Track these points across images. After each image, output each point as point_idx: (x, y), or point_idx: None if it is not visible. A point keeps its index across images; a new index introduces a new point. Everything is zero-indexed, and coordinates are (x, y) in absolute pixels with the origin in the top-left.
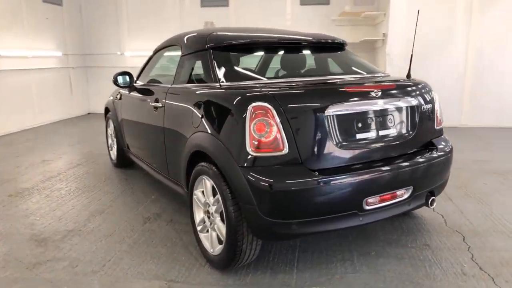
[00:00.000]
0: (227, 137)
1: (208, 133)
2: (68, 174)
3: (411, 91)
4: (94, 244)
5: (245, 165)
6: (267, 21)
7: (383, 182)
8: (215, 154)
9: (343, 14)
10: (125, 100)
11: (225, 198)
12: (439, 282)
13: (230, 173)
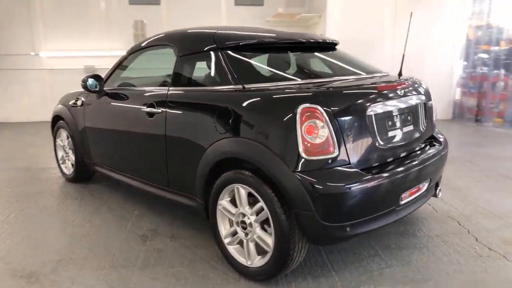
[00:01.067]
0: (273, 141)
1: (245, 138)
2: (17, 195)
3: (420, 88)
4: (98, 272)
5: (299, 170)
6: (201, 20)
7: (414, 176)
8: (260, 160)
9: (277, 15)
10: (92, 106)
11: (274, 205)
12: (464, 266)
13: (282, 179)
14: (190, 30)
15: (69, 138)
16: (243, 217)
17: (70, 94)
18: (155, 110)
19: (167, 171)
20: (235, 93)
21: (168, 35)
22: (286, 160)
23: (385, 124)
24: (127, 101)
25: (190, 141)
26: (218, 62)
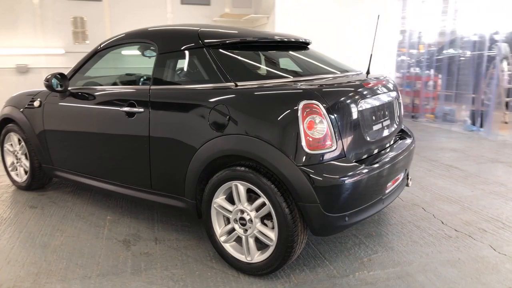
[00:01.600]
0: (276, 137)
1: (245, 135)
2: None
3: (393, 85)
4: (87, 282)
5: (303, 164)
6: (146, 19)
7: (397, 167)
8: (263, 156)
9: (225, 15)
10: (56, 107)
11: (277, 200)
12: (440, 247)
13: (287, 173)
14: (170, 27)
15: (21, 143)
16: (242, 214)
17: (22, 94)
18: (135, 110)
19: (150, 173)
20: (229, 90)
21: (145, 32)
22: (289, 155)
23: (371, 118)
24: (100, 101)
25: (179, 141)
26: (205, 60)
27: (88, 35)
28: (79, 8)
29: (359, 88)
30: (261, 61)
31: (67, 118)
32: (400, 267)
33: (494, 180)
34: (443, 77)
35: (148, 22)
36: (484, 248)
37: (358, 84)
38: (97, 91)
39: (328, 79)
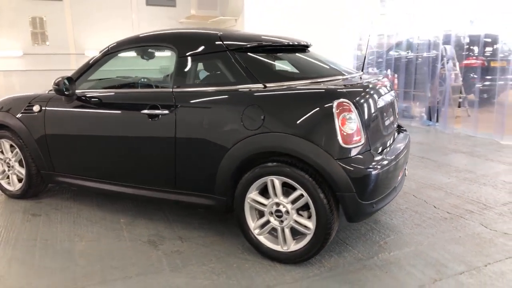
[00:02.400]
0: (313, 133)
1: (283, 133)
2: None
3: (391, 86)
4: (130, 281)
5: (341, 157)
6: (111, 20)
7: (405, 157)
8: (302, 151)
9: (191, 17)
10: (61, 112)
11: (316, 192)
12: (440, 227)
13: (326, 167)
14: (189, 31)
15: (15, 149)
16: (278, 206)
17: (13, 99)
18: (159, 112)
19: (174, 173)
20: (261, 91)
21: (163, 35)
22: (327, 150)
23: (384, 114)
24: (114, 104)
25: (208, 141)
26: (230, 63)
27: (48, 36)
28: (38, 8)
29: (375, 87)
30: (278, 63)
31: (76, 122)
32: (414, 247)
33: (463, 168)
34: (400, 76)
35: (113, 23)
36: (476, 227)
37: (374, 84)
38: (108, 94)
39: (347, 80)
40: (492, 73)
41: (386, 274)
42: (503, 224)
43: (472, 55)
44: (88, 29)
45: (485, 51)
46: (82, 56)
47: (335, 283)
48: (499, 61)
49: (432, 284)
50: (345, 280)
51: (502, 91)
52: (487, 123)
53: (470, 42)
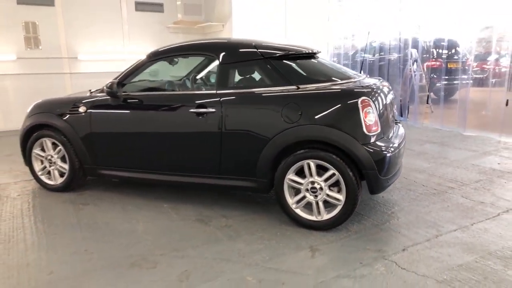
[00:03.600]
0: (343, 124)
1: (318, 124)
2: (29, 209)
3: (390, 87)
4: (202, 251)
5: (365, 143)
6: (101, 25)
7: (404, 146)
8: (336, 138)
9: (179, 22)
10: (109, 112)
11: (346, 170)
12: (432, 200)
13: (355, 151)
14: (228, 41)
15: (58, 147)
16: (313, 184)
17: (57, 101)
18: (207, 110)
19: (220, 161)
20: (297, 91)
21: (206, 45)
22: (355, 137)
23: (388, 109)
24: (161, 105)
25: (252, 133)
26: (267, 69)
27: (41, 40)
28: (31, 13)
29: (382, 88)
30: (303, 68)
31: (124, 121)
32: (415, 214)
33: (438, 155)
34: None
35: (103, 28)
36: (459, 198)
37: (382, 85)
38: (155, 95)
39: (359, 82)
40: (449, 73)
41: (399, 234)
42: (479, 196)
43: (432, 57)
44: (80, 33)
45: (443, 53)
46: (75, 60)
47: (362, 242)
48: (455, 62)
49: (435, 238)
50: (369, 239)
51: (459, 89)
52: (450, 118)
53: (431, 46)
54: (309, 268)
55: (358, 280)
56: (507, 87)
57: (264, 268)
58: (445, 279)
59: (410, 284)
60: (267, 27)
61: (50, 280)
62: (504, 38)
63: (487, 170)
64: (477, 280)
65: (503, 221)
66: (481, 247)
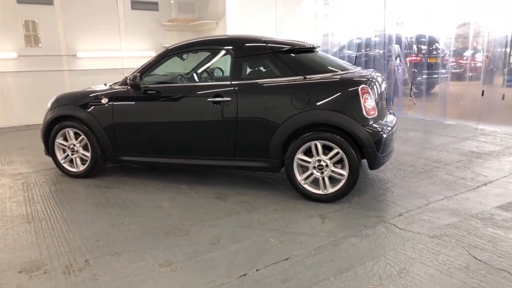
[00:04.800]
0: (346, 108)
1: (324, 109)
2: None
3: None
4: (227, 221)
5: (365, 124)
6: (99, 23)
7: (396, 129)
8: (339, 121)
9: (174, 20)
10: (131, 103)
11: (349, 149)
12: (421, 177)
13: (357, 131)
14: (241, 37)
15: (81, 136)
16: (319, 162)
17: (74, 94)
18: (223, 99)
19: (234, 145)
20: (304, 81)
21: (221, 40)
22: (357, 119)
23: (382, 97)
24: (180, 95)
25: (264, 119)
26: (276, 62)
27: (41, 38)
28: (31, 12)
29: (377, 78)
30: (307, 60)
31: (145, 110)
32: (406, 189)
33: (422, 141)
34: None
35: (101, 26)
36: (443, 175)
37: (377, 76)
38: (175, 87)
39: (356, 72)
40: (430, 68)
41: (394, 203)
42: (460, 172)
43: (414, 53)
44: (78, 31)
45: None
46: (74, 57)
47: (364, 210)
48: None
49: (425, 206)
50: (369, 208)
51: (439, 82)
52: (431, 109)
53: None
54: (321, 231)
55: (364, 238)
56: (483, 80)
57: (283, 232)
58: (436, 234)
59: (407, 239)
60: (259, 25)
61: (99, 246)
62: (480, 34)
63: (467, 153)
64: (462, 235)
65: (482, 192)
66: (464, 211)
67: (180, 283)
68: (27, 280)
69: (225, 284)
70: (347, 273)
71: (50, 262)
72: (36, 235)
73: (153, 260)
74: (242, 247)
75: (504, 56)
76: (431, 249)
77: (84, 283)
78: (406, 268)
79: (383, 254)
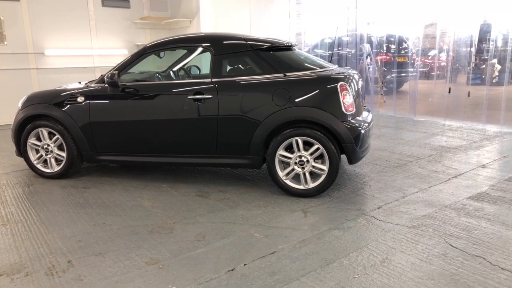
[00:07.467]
0: (325, 105)
1: (303, 106)
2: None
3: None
4: (211, 217)
5: (344, 120)
6: (68, 21)
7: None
8: (319, 117)
9: (147, 18)
10: (109, 101)
11: (329, 144)
12: (398, 170)
13: (336, 127)
14: (221, 34)
15: (55, 136)
16: (300, 158)
17: (48, 92)
18: (204, 96)
19: (216, 142)
20: (284, 78)
21: (201, 37)
22: (336, 116)
23: (359, 94)
24: (159, 92)
25: (245, 117)
26: (256, 59)
27: (6, 35)
28: None
29: (355, 75)
30: (286, 58)
31: (123, 109)
32: (383, 182)
33: (395, 136)
34: None
35: (70, 23)
36: (416, 169)
37: (354, 73)
38: (154, 84)
39: (333, 70)
40: (399, 66)
41: (372, 197)
42: (432, 166)
43: (383, 52)
44: (46, 29)
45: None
46: (42, 55)
47: (344, 204)
48: (403, 57)
49: (402, 199)
50: (349, 202)
51: (408, 81)
52: (401, 106)
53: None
54: (304, 224)
55: (346, 230)
56: (449, 78)
57: (267, 227)
58: (414, 225)
59: (388, 230)
60: (233, 23)
61: (82, 246)
62: (446, 34)
63: (437, 147)
64: (438, 224)
65: (453, 184)
66: (438, 202)
67: (169, 280)
68: (8, 283)
69: (214, 279)
70: (333, 264)
71: (31, 264)
72: (14, 238)
73: (139, 259)
74: (228, 243)
75: (469, 55)
76: (410, 239)
77: (69, 284)
78: (388, 257)
79: (366, 245)
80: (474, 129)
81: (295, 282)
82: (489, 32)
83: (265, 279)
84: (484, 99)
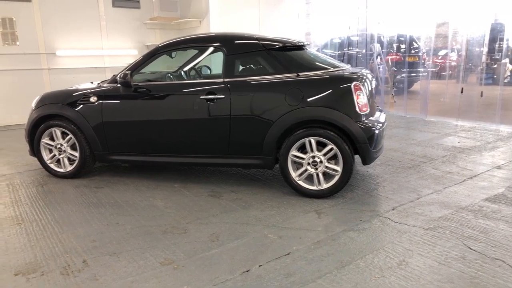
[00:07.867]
0: (339, 105)
1: (318, 106)
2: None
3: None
4: (224, 217)
5: (358, 120)
6: (79, 20)
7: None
8: (333, 118)
9: (157, 18)
10: (121, 101)
11: (343, 145)
12: (410, 171)
13: (350, 127)
14: (233, 34)
15: (68, 136)
16: (313, 159)
17: (61, 92)
18: (217, 96)
19: (228, 142)
20: (298, 78)
21: (214, 37)
22: (350, 116)
23: (373, 94)
24: (172, 93)
25: (258, 116)
26: (269, 59)
27: (18, 36)
28: (7, 9)
29: (368, 75)
30: (298, 57)
31: (136, 108)
32: (397, 183)
33: (407, 137)
34: None
35: (81, 24)
36: (430, 170)
37: (367, 73)
38: (166, 84)
39: (347, 70)
40: (409, 66)
41: (387, 198)
42: (446, 167)
43: (393, 51)
44: (57, 29)
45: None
46: (53, 55)
47: (358, 205)
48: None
49: (417, 200)
50: (363, 203)
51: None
52: (412, 106)
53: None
54: (318, 226)
55: (361, 231)
56: (462, 77)
57: (280, 227)
58: (430, 227)
59: (403, 232)
60: (242, 23)
61: (96, 246)
62: (458, 33)
63: (450, 148)
64: (455, 226)
65: (468, 185)
66: (454, 204)
67: (184, 281)
68: (24, 282)
69: (229, 281)
70: (349, 266)
71: (46, 263)
72: (28, 237)
73: (153, 259)
74: (242, 244)
75: (481, 54)
76: (427, 241)
77: (85, 284)
78: (405, 259)
79: (382, 247)
80: (487, 129)
81: (312, 284)
82: (502, 32)
83: (281, 281)
84: (497, 99)
